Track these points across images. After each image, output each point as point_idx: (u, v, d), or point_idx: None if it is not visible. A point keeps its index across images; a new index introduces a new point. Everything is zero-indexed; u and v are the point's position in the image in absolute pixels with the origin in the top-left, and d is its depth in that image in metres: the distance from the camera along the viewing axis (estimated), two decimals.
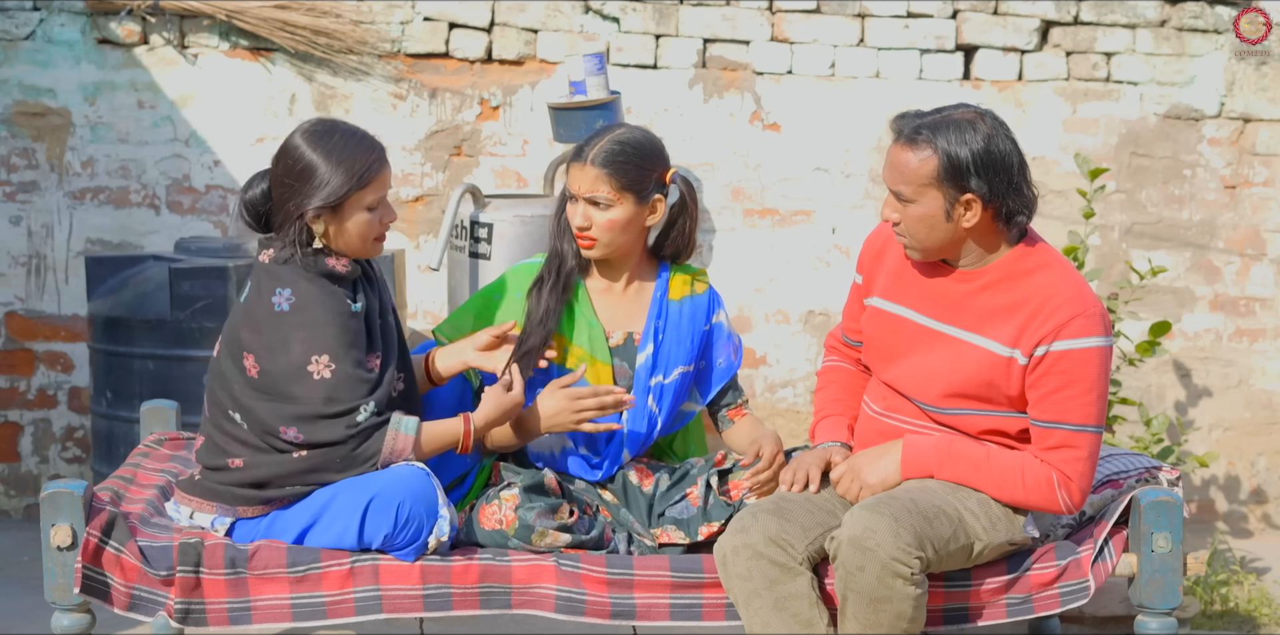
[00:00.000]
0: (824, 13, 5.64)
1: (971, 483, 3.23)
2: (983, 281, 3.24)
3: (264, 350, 3.23)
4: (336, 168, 3.22)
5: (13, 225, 5.48)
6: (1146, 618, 3.31)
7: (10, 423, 5.55)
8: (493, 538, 3.28)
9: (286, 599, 3.20)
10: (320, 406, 3.20)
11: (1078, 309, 3.16)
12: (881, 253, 3.41)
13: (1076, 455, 3.19)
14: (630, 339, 3.55)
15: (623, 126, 3.53)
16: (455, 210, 4.73)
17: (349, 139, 3.27)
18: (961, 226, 3.19)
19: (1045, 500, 3.21)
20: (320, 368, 3.20)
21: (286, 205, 3.24)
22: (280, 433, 3.21)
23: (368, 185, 3.25)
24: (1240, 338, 5.89)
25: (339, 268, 3.27)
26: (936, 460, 3.24)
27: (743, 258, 5.67)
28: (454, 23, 5.53)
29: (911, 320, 3.30)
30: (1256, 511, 5.91)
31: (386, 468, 3.24)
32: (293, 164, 3.25)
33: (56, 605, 3.21)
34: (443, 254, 4.63)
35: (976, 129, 3.15)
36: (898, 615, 3.06)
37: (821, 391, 3.58)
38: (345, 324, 3.24)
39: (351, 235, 3.28)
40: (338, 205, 3.23)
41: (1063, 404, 3.17)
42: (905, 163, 3.17)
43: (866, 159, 5.70)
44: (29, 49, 5.43)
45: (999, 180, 3.15)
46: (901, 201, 3.20)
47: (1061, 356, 3.15)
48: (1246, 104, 5.82)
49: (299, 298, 3.23)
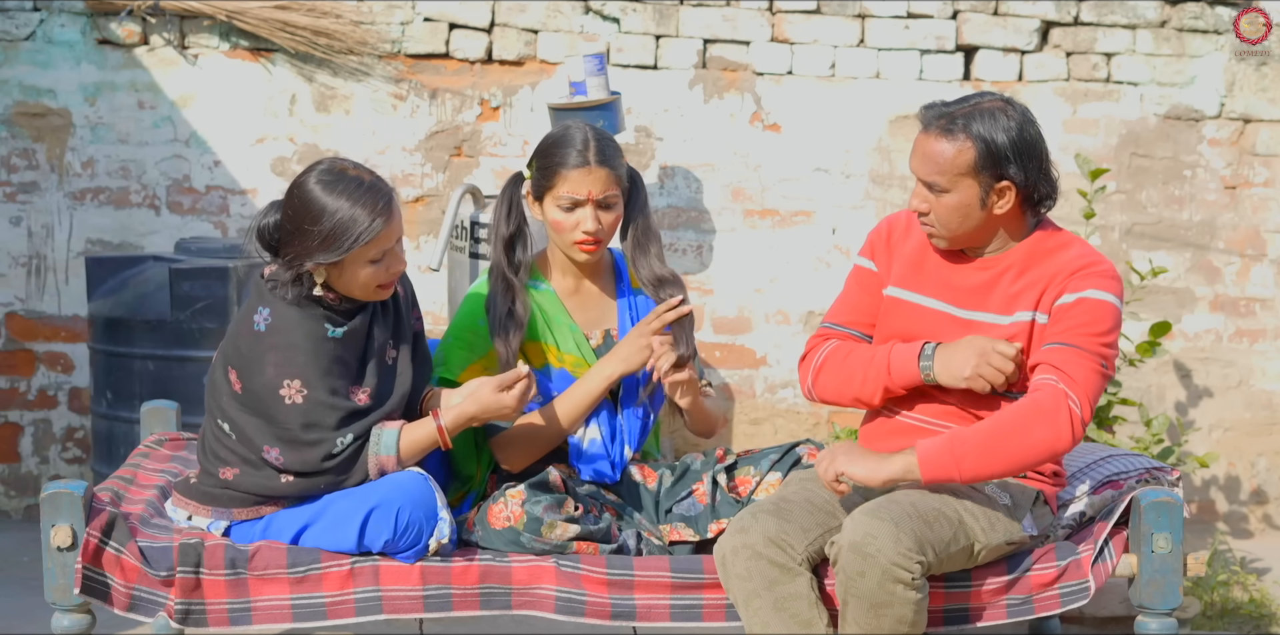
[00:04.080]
0: (824, 13, 5.64)
1: (994, 463, 3.11)
2: (1004, 266, 3.25)
3: (243, 368, 3.23)
4: (335, 223, 3.15)
5: (13, 226, 5.48)
6: (1147, 618, 3.31)
7: (10, 423, 5.55)
8: (504, 536, 3.26)
9: (286, 599, 3.20)
10: (298, 432, 3.19)
11: (1099, 270, 3.21)
12: (891, 241, 3.39)
13: (1083, 363, 3.13)
14: (609, 336, 3.55)
15: (581, 123, 3.51)
16: (455, 211, 4.73)
17: (354, 191, 3.18)
18: (994, 214, 3.20)
19: (1055, 418, 3.09)
20: (292, 392, 3.19)
21: (292, 245, 3.20)
22: (264, 451, 3.21)
23: (369, 243, 3.17)
24: (1240, 338, 5.89)
25: (329, 298, 3.25)
26: (953, 460, 3.12)
27: (743, 258, 5.66)
28: (454, 23, 5.53)
29: (938, 310, 3.29)
30: (1257, 512, 5.91)
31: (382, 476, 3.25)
32: (301, 207, 3.18)
33: (56, 606, 3.21)
34: (443, 254, 4.63)
35: (1009, 115, 3.17)
36: (899, 620, 3.06)
37: (845, 350, 3.37)
38: (318, 349, 3.21)
39: (353, 285, 3.24)
40: (338, 259, 3.19)
41: (1077, 335, 3.16)
42: (940, 152, 3.17)
43: (866, 159, 5.70)
44: (29, 49, 5.43)
45: (1033, 166, 3.18)
46: (935, 192, 3.20)
47: (1078, 303, 3.17)
48: (1246, 104, 5.82)
49: (275, 319, 3.22)
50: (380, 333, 3.31)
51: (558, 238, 3.48)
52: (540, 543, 3.25)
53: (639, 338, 3.42)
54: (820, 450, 3.48)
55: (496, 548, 3.28)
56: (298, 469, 3.20)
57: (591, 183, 3.42)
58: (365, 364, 3.29)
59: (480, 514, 3.32)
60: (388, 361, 3.32)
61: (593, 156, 3.42)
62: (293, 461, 3.20)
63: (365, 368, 3.29)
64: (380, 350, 3.31)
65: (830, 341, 3.41)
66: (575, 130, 3.46)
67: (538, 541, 3.24)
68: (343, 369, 3.24)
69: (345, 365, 3.25)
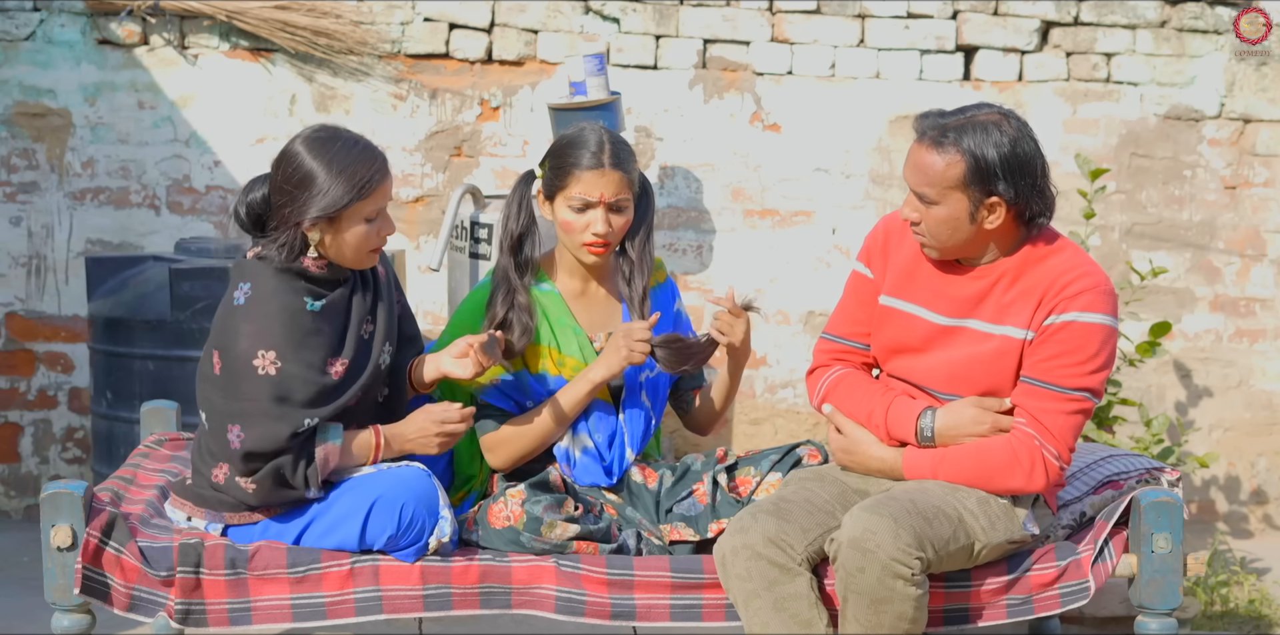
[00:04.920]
0: (824, 13, 5.64)
1: (964, 477, 3.23)
2: (997, 275, 3.24)
3: (223, 345, 3.22)
4: (337, 177, 3.18)
5: (13, 226, 5.48)
6: (1146, 618, 3.31)
7: (10, 423, 5.55)
8: (504, 536, 3.26)
9: (286, 599, 3.20)
10: (267, 405, 3.16)
11: (1088, 285, 3.18)
12: (887, 246, 3.39)
13: (1059, 409, 3.18)
14: None
15: (596, 124, 3.51)
16: (455, 211, 4.73)
17: (351, 148, 3.22)
18: (984, 228, 3.19)
19: (1030, 463, 3.19)
20: (266, 363, 3.17)
21: (284, 211, 3.21)
22: (227, 431, 3.18)
23: (368, 197, 3.21)
24: (1240, 338, 5.89)
25: (312, 268, 3.25)
26: (931, 469, 3.26)
27: (743, 258, 5.67)
28: (454, 23, 5.53)
29: (928, 320, 3.29)
30: (1257, 512, 5.91)
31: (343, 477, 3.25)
32: (293, 171, 3.21)
33: (56, 606, 3.20)
34: (443, 254, 4.63)
35: (1002, 131, 3.14)
36: (899, 616, 3.06)
37: (853, 387, 3.42)
38: (295, 321, 3.20)
39: (347, 246, 3.24)
40: (336, 216, 3.21)
41: (1056, 370, 3.18)
42: (930, 165, 3.15)
43: (866, 159, 5.70)
44: (29, 49, 5.43)
45: (1024, 183, 3.15)
46: (925, 203, 3.18)
47: (1064, 326, 3.16)
48: (1246, 104, 5.82)
49: (255, 291, 3.22)
50: (360, 306, 3.31)
51: (566, 238, 3.48)
52: (540, 542, 3.24)
53: (622, 341, 3.41)
54: (820, 451, 3.50)
55: (496, 547, 3.28)
56: (254, 448, 3.15)
57: (604, 185, 3.42)
58: (344, 336, 3.28)
59: (480, 513, 3.32)
60: (364, 335, 3.32)
61: (607, 159, 3.41)
62: (253, 438, 3.15)
63: (344, 339, 3.28)
64: (359, 323, 3.31)
65: (834, 369, 3.44)
66: (590, 132, 3.46)
67: (538, 541, 3.24)
68: (320, 341, 3.23)
69: (323, 337, 3.24)
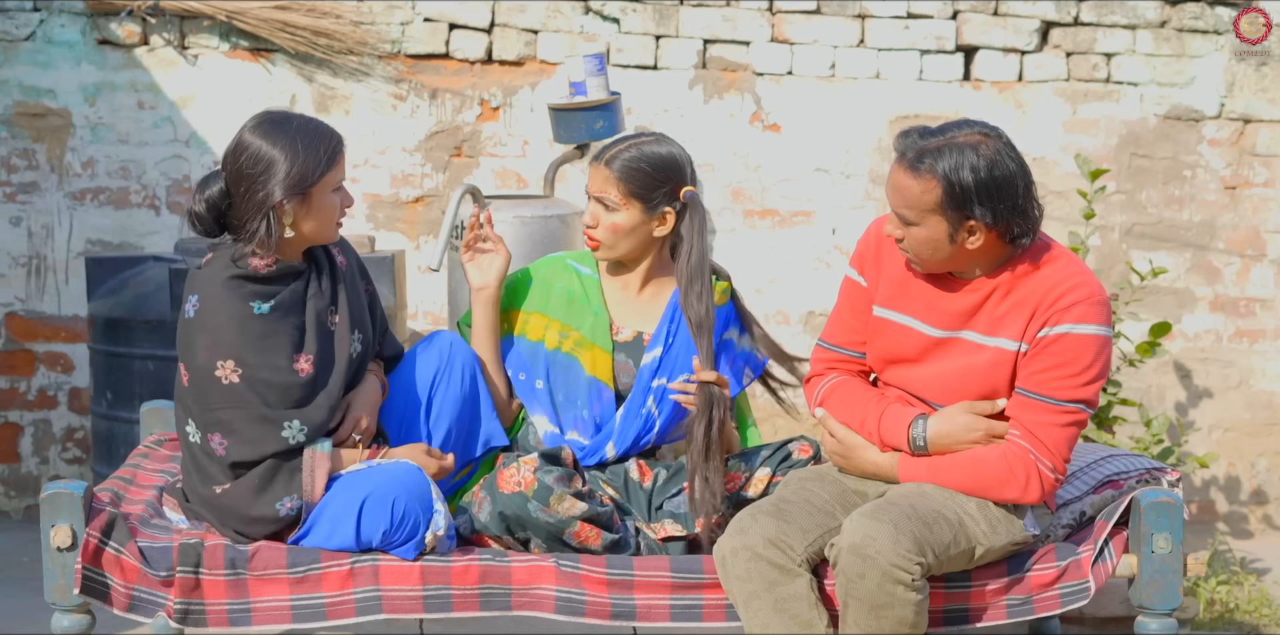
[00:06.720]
0: (824, 13, 5.64)
1: (959, 489, 3.23)
2: (990, 287, 3.23)
3: (186, 359, 3.24)
4: (304, 152, 3.22)
5: (13, 226, 5.48)
6: (1147, 619, 3.31)
7: (10, 423, 5.55)
8: (511, 501, 3.25)
9: (286, 600, 3.20)
10: (240, 412, 3.18)
11: (1080, 296, 3.17)
12: (879, 254, 3.38)
13: (1053, 421, 3.18)
14: (639, 337, 3.55)
15: (654, 136, 3.55)
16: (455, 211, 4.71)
17: (307, 124, 3.28)
18: (966, 248, 3.18)
19: (1025, 477, 3.19)
20: (227, 373, 3.19)
21: (254, 197, 3.21)
22: (208, 440, 3.20)
23: (336, 165, 3.26)
24: (1240, 338, 5.89)
25: (261, 268, 3.25)
26: (926, 479, 3.26)
27: (743, 258, 5.66)
28: (454, 23, 5.53)
29: (922, 331, 3.28)
30: (1257, 512, 5.91)
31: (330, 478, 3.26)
32: (255, 158, 3.22)
33: (56, 606, 3.20)
34: (443, 255, 4.61)
35: (979, 154, 3.10)
36: (899, 621, 3.06)
37: (848, 393, 3.42)
38: (245, 327, 3.21)
39: (321, 220, 3.28)
40: (308, 190, 3.23)
41: (1050, 382, 3.17)
42: (908, 189, 3.14)
43: (866, 160, 5.70)
44: (29, 50, 5.43)
45: (1003, 207, 3.12)
46: (905, 223, 3.19)
47: (1058, 339, 3.16)
48: (1246, 105, 5.82)
49: (202, 303, 3.23)
50: (318, 298, 3.32)
51: None
52: (546, 514, 3.24)
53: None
54: (812, 446, 3.51)
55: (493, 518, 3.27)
56: (239, 457, 3.18)
57: (596, 178, 3.49)
58: (304, 331, 3.29)
59: (489, 481, 3.32)
60: (329, 326, 3.33)
61: (605, 154, 3.48)
62: (235, 446, 3.18)
63: (304, 335, 3.29)
64: (320, 316, 3.31)
65: (830, 377, 3.43)
66: (637, 135, 3.55)
67: (544, 511, 3.24)
68: (278, 341, 3.24)
69: (281, 336, 3.25)
